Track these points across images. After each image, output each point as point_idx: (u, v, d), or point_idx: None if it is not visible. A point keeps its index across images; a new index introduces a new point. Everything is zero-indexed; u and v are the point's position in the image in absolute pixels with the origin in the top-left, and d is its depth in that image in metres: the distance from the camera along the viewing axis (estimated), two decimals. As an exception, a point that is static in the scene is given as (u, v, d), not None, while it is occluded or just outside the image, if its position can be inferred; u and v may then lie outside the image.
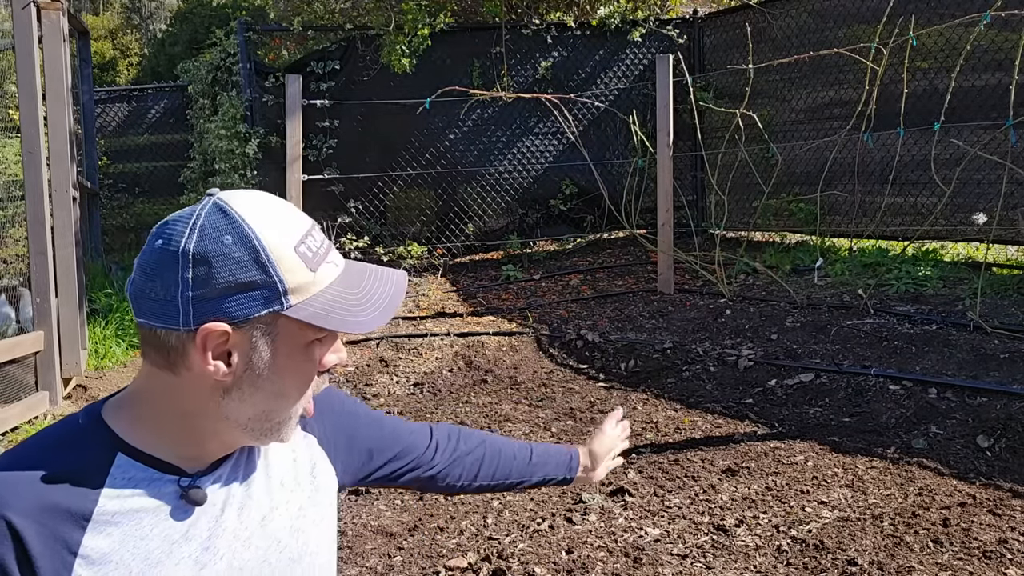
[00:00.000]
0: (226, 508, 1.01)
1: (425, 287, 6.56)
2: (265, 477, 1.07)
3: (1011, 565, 2.36)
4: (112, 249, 8.69)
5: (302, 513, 1.10)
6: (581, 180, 7.33)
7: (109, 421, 0.98)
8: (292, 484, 1.11)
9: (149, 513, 0.94)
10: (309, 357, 0.97)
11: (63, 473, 0.92)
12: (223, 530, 0.99)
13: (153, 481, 0.96)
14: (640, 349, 4.70)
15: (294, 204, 1.17)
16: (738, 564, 2.49)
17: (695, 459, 3.26)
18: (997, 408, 3.32)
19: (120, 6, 18.91)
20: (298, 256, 0.92)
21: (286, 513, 1.08)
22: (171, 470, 0.97)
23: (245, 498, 1.03)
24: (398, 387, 4.45)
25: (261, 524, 1.04)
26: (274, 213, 0.94)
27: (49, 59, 4.53)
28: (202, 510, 0.98)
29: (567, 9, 7.57)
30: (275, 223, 0.93)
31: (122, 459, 0.95)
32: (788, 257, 6.16)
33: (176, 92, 9.70)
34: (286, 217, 0.95)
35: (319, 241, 0.96)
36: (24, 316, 4.45)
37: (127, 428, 0.97)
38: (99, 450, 0.95)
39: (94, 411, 0.99)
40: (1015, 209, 4.89)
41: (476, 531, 2.82)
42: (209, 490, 0.99)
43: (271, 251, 0.91)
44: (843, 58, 5.47)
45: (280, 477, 1.09)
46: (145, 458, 0.96)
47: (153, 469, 0.96)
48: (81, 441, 0.96)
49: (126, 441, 0.96)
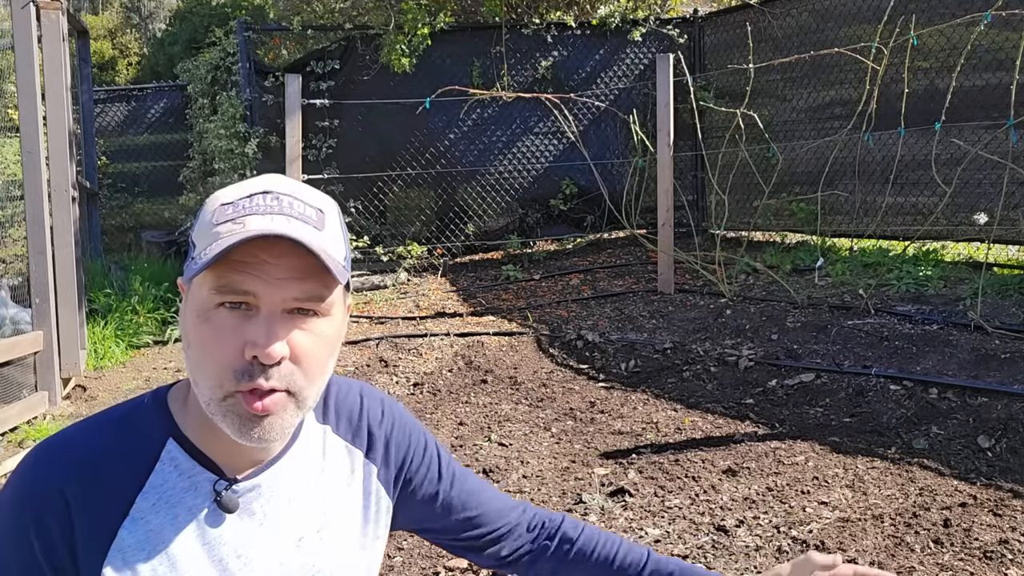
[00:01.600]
0: (265, 521, 0.98)
1: (425, 287, 6.56)
2: (313, 498, 1.03)
3: (1012, 566, 2.35)
4: (111, 249, 8.68)
5: (347, 544, 1.06)
6: (581, 180, 7.32)
7: (171, 402, 0.99)
8: (340, 511, 1.07)
9: (185, 509, 0.94)
10: (209, 323, 0.89)
11: (117, 454, 0.93)
12: (257, 542, 0.97)
13: (193, 475, 0.95)
14: (640, 349, 4.69)
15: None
16: (738, 564, 2.48)
17: (695, 459, 3.25)
18: (998, 408, 3.32)
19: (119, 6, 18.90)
20: (214, 212, 0.91)
21: (328, 540, 1.04)
22: (212, 468, 0.96)
23: (285, 515, 1.00)
24: (398, 387, 4.45)
25: (297, 545, 1.00)
26: (246, 180, 0.95)
27: (48, 59, 4.53)
28: (236, 516, 0.96)
29: (567, 8, 7.57)
30: (231, 187, 0.95)
31: (172, 446, 0.96)
32: (789, 257, 6.15)
33: (175, 92, 9.70)
34: (247, 181, 0.95)
35: (254, 203, 0.90)
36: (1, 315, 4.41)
37: (180, 411, 0.98)
38: (154, 434, 0.96)
39: (161, 392, 1.00)
40: (1016, 209, 4.89)
41: (476, 531, 2.81)
42: (245, 498, 0.97)
43: (203, 208, 0.93)
44: (844, 58, 5.47)
45: (330, 502, 1.05)
46: (191, 448, 0.96)
47: (196, 463, 0.96)
48: (140, 422, 0.96)
49: (179, 426, 0.97)
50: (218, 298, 0.88)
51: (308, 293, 0.90)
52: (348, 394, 1.15)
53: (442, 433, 3.73)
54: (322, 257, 0.88)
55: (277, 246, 0.88)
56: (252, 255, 0.87)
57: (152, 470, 0.93)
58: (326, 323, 0.93)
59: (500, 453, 3.45)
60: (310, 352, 0.91)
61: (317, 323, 0.92)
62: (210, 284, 0.88)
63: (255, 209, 0.89)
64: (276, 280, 0.88)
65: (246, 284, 0.88)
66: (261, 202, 0.90)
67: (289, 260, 0.88)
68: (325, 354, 0.94)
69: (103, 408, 1.01)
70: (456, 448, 3.55)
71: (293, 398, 0.91)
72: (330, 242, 0.92)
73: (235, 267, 0.87)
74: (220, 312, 0.89)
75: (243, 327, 0.88)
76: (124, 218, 9.53)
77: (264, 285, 0.88)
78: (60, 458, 0.92)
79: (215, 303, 0.88)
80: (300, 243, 0.87)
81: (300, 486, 1.02)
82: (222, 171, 7.00)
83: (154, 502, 0.92)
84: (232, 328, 0.88)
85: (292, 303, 0.90)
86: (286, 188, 0.93)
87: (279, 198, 0.91)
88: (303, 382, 0.92)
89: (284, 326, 0.89)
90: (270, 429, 0.90)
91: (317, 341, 0.92)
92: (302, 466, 1.04)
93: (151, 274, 6.89)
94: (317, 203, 0.94)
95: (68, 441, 0.94)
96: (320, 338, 0.93)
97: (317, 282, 0.90)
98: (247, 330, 0.88)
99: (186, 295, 0.93)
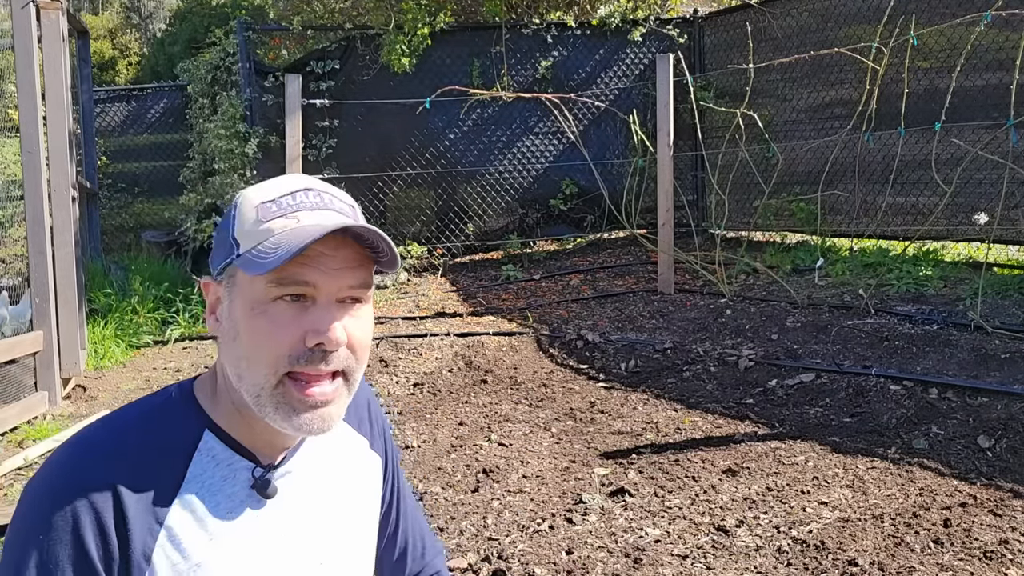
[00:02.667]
0: (295, 506, 1.02)
1: (425, 287, 6.56)
2: (334, 482, 1.08)
3: (1012, 565, 2.35)
4: (111, 249, 8.68)
5: (361, 522, 1.12)
6: (581, 180, 7.32)
7: (198, 394, 1.02)
8: (356, 493, 1.12)
9: (225, 496, 0.97)
10: (267, 315, 0.92)
11: (156, 447, 0.96)
12: (292, 524, 1.01)
13: (232, 463, 0.98)
14: (640, 349, 4.69)
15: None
16: (738, 565, 2.48)
17: (695, 459, 3.25)
18: (998, 408, 3.32)
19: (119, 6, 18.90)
20: (256, 210, 0.95)
21: (349, 520, 1.09)
22: (248, 455, 1.00)
23: (314, 497, 1.05)
24: (398, 387, 4.45)
25: (326, 527, 1.05)
26: (272, 179, 0.99)
27: (48, 59, 4.53)
28: (274, 503, 1.00)
29: (567, 8, 7.57)
30: (263, 185, 0.98)
31: (208, 436, 0.99)
32: (789, 257, 6.15)
33: (175, 92, 9.69)
34: (278, 180, 0.99)
35: (298, 200, 0.95)
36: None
37: (211, 403, 1.01)
38: (188, 426, 0.99)
39: (186, 385, 1.03)
40: (1016, 209, 4.89)
41: (476, 531, 2.81)
42: (281, 482, 1.01)
43: (238, 207, 0.97)
44: (844, 58, 5.47)
45: (348, 486, 1.11)
46: (227, 438, 0.99)
47: (233, 451, 0.99)
48: (173, 416, 0.99)
49: (212, 418, 1.00)
50: (277, 291, 0.92)
51: (360, 281, 0.96)
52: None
53: (442, 433, 3.73)
54: (388, 243, 0.94)
55: (332, 239, 0.92)
56: (311, 248, 0.91)
57: (191, 461, 0.96)
58: (367, 309, 0.99)
59: (500, 453, 3.45)
60: (361, 337, 0.97)
61: (363, 309, 0.98)
62: (267, 278, 0.91)
63: (302, 205, 0.95)
64: (332, 271, 0.93)
65: (307, 275, 0.92)
66: (305, 199, 0.95)
67: (344, 251, 0.94)
68: (369, 338, 1.01)
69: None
70: (456, 448, 3.55)
71: (347, 382, 0.97)
72: (378, 234, 0.98)
73: (294, 260, 0.91)
74: (278, 305, 0.92)
75: (301, 317, 0.92)
76: (124, 218, 9.52)
77: (322, 276, 0.92)
78: (104, 454, 0.93)
79: (273, 296, 0.92)
80: (373, 233, 0.92)
81: (321, 471, 1.07)
82: (222, 171, 7.00)
83: (196, 491, 0.95)
84: (291, 318, 0.92)
85: (346, 291, 0.95)
86: (321, 185, 0.99)
87: (320, 195, 0.97)
88: (355, 365, 0.97)
89: (339, 314, 0.94)
90: (328, 418, 0.96)
91: (364, 326, 0.98)
92: (321, 451, 1.08)
93: (151, 274, 6.89)
94: (348, 199, 1.01)
95: (105, 438, 0.96)
96: (366, 323, 0.99)
97: (367, 270, 0.97)
98: (306, 319, 0.92)
99: (227, 291, 0.97)
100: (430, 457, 3.46)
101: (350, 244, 0.94)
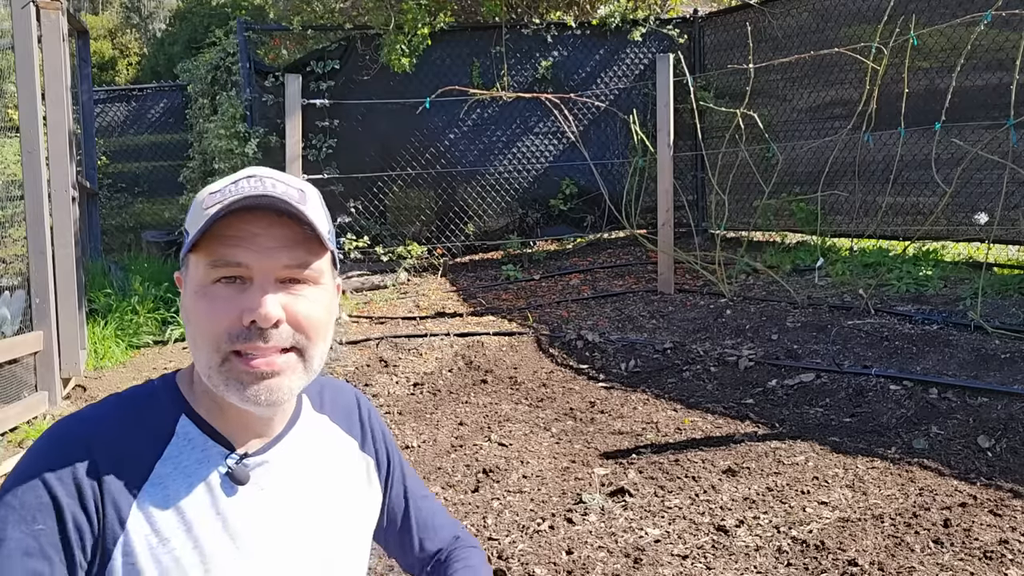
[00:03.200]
0: (274, 495, 1.03)
1: (425, 287, 6.56)
2: (317, 478, 1.09)
3: (1012, 565, 2.35)
4: (111, 249, 8.68)
5: (347, 524, 1.12)
6: (581, 180, 7.32)
7: (180, 384, 1.04)
8: (342, 492, 1.12)
9: (200, 479, 0.98)
10: (207, 297, 0.95)
11: (136, 425, 0.98)
12: (264, 513, 1.02)
13: (206, 448, 1.00)
14: (640, 349, 4.69)
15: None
16: (738, 565, 2.48)
17: (695, 459, 3.25)
18: (998, 408, 3.32)
19: (119, 6, 18.89)
20: (203, 200, 0.97)
21: (332, 518, 1.09)
22: (223, 443, 1.01)
23: (292, 490, 1.05)
24: (398, 387, 4.45)
25: (303, 520, 1.05)
26: (226, 176, 1.02)
27: (48, 59, 4.53)
28: (246, 490, 1.01)
29: (567, 8, 7.57)
30: (215, 182, 1.01)
31: (184, 421, 1.01)
32: (789, 257, 6.15)
33: (175, 92, 9.70)
34: (228, 176, 1.01)
35: (239, 186, 0.97)
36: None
37: (189, 391, 1.03)
38: (166, 412, 1.01)
39: (170, 376, 1.06)
40: (1016, 209, 4.89)
41: (476, 531, 2.81)
42: (255, 472, 1.02)
43: (194, 200, 1.00)
44: (844, 58, 5.47)
45: (333, 483, 1.11)
46: (202, 423, 1.01)
47: (208, 437, 1.00)
48: (154, 401, 1.02)
49: (190, 404, 1.02)
50: (214, 273, 0.94)
51: (297, 260, 0.96)
52: (341, 390, 1.24)
53: (442, 433, 3.73)
54: (307, 217, 0.94)
55: (264, 218, 0.94)
56: (241, 229, 0.93)
57: (168, 443, 0.99)
58: (318, 290, 0.99)
59: (500, 453, 3.45)
60: (308, 314, 0.97)
61: (309, 289, 0.98)
62: (205, 261, 0.94)
63: (240, 191, 0.95)
64: (266, 249, 0.94)
65: (238, 256, 0.93)
66: (246, 185, 0.97)
67: (277, 230, 0.94)
68: (323, 318, 0.99)
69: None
70: (456, 448, 3.55)
71: (301, 358, 0.97)
72: (312, 213, 0.97)
73: (226, 241, 0.93)
74: (217, 287, 0.94)
75: (239, 297, 0.94)
76: (124, 218, 9.53)
77: (255, 255, 0.93)
78: (84, 422, 0.97)
79: (212, 279, 0.94)
80: (285, 205, 0.93)
81: (305, 465, 1.08)
82: (222, 171, 7.00)
83: (171, 470, 0.97)
84: (228, 299, 0.94)
85: (283, 271, 0.95)
86: (269, 172, 1.00)
87: (262, 180, 0.98)
88: (306, 342, 0.97)
89: (277, 293, 0.95)
90: (277, 389, 0.96)
91: (312, 305, 0.98)
92: (305, 446, 1.09)
93: (151, 274, 6.89)
94: (299, 185, 1.00)
95: (87, 414, 0.99)
96: (314, 304, 0.98)
97: (304, 249, 0.96)
98: (243, 299, 0.94)
99: (184, 280, 0.99)
100: (430, 457, 3.46)
101: (286, 223, 0.95)
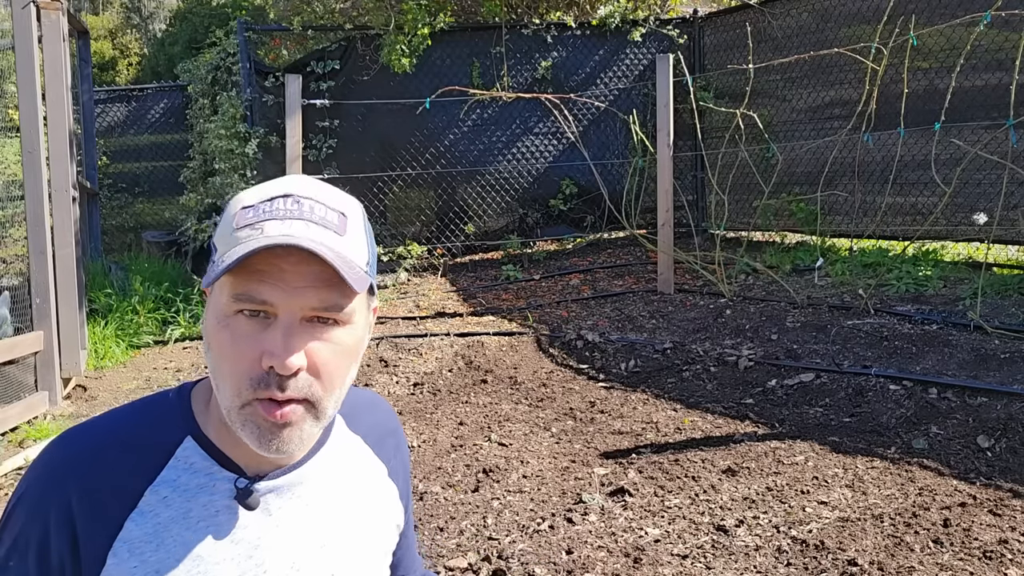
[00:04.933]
0: (281, 522, 0.97)
1: (425, 287, 6.56)
2: (338, 505, 1.03)
3: (1011, 565, 2.35)
4: (112, 249, 8.68)
5: (368, 555, 1.06)
6: (581, 180, 7.33)
7: (195, 400, 0.98)
8: (365, 522, 1.06)
9: (200, 506, 0.93)
10: (229, 329, 0.87)
11: (127, 446, 0.93)
12: (273, 543, 0.96)
13: (211, 472, 0.94)
14: (640, 349, 4.69)
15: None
16: (738, 564, 2.48)
17: (695, 459, 3.25)
18: (997, 408, 3.32)
19: (120, 6, 18.89)
20: (236, 216, 0.89)
21: (351, 549, 1.03)
22: (231, 467, 0.95)
23: (306, 518, 0.99)
24: (398, 387, 4.45)
25: (318, 550, 0.99)
26: (268, 182, 0.93)
27: (49, 59, 4.53)
28: (254, 516, 0.95)
29: (567, 9, 7.57)
30: (254, 188, 0.93)
31: (189, 443, 0.95)
32: (788, 257, 6.15)
33: (176, 92, 9.70)
34: (269, 184, 0.93)
35: (275, 206, 0.88)
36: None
37: (203, 409, 0.97)
38: (172, 429, 0.95)
39: (186, 387, 1.00)
40: (1016, 209, 4.89)
41: (476, 531, 2.82)
42: (265, 498, 0.96)
43: (225, 210, 0.92)
44: (843, 58, 5.47)
45: (356, 511, 1.05)
46: (210, 447, 0.95)
47: (214, 461, 0.95)
48: (161, 416, 0.96)
49: (199, 424, 0.96)
50: (236, 305, 0.87)
51: (326, 303, 0.88)
52: (379, 408, 1.16)
53: (442, 433, 3.74)
54: (338, 267, 0.85)
55: (295, 253, 0.86)
56: (270, 263, 0.86)
57: (164, 465, 0.93)
58: (346, 332, 0.91)
59: (500, 453, 3.46)
60: (328, 363, 0.89)
61: (336, 332, 0.90)
62: (229, 291, 0.87)
63: (274, 214, 0.87)
64: (294, 288, 0.86)
65: (264, 293, 0.86)
66: (281, 206, 0.88)
67: (307, 268, 0.86)
68: (344, 364, 0.92)
69: (104, 408, 1.02)
70: (456, 448, 3.55)
71: (312, 409, 0.90)
72: (351, 247, 0.90)
73: (253, 275, 0.86)
74: (239, 319, 0.87)
75: (261, 336, 0.86)
76: (124, 218, 9.53)
77: (281, 294, 0.86)
78: (67, 453, 0.93)
79: (234, 310, 0.87)
80: (320, 248, 0.85)
81: (325, 491, 1.01)
82: (222, 171, 7.01)
83: (165, 495, 0.92)
84: (250, 336, 0.87)
85: (310, 312, 0.87)
86: (308, 191, 0.91)
87: (299, 202, 0.89)
88: (320, 393, 0.90)
89: (302, 336, 0.87)
90: (288, 440, 0.89)
91: (336, 351, 0.90)
92: (329, 472, 1.03)
93: (151, 274, 6.89)
94: (339, 206, 0.91)
95: (80, 433, 0.95)
96: (339, 347, 0.90)
97: (335, 291, 0.88)
98: (265, 339, 0.86)
99: (208, 298, 0.93)
100: (430, 457, 3.46)
101: (316, 261, 0.85)
